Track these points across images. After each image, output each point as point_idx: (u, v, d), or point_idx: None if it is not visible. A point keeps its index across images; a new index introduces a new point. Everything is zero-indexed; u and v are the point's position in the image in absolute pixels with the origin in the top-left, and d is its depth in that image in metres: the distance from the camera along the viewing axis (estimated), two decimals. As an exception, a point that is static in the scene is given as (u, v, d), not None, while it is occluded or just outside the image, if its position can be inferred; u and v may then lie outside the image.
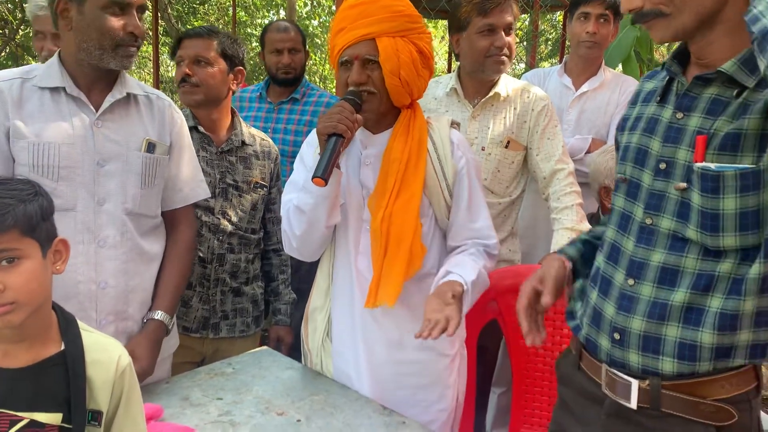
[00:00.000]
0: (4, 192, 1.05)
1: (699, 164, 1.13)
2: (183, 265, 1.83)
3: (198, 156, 1.98)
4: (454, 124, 1.78)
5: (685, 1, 1.12)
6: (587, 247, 1.48)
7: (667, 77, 1.27)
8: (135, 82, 1.78)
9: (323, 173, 1.49)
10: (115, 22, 1.59)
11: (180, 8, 13.79)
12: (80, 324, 1.18)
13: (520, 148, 2.32)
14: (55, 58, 1.65)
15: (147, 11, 1.76)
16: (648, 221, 1.23)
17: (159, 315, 1.73)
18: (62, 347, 1.13)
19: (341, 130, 1.53)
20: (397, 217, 1.62)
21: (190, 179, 1.87)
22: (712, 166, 1.12)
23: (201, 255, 2.12)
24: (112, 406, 1.17)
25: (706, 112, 1.16)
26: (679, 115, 1.20)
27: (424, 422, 1.69)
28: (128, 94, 1.70)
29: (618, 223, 1.32)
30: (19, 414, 1.07)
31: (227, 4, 14.25)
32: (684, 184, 1.17)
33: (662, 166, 1.21)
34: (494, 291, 2.10)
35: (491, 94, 2.31)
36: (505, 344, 2.36)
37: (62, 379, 1.11)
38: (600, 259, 1.35)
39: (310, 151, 1.76)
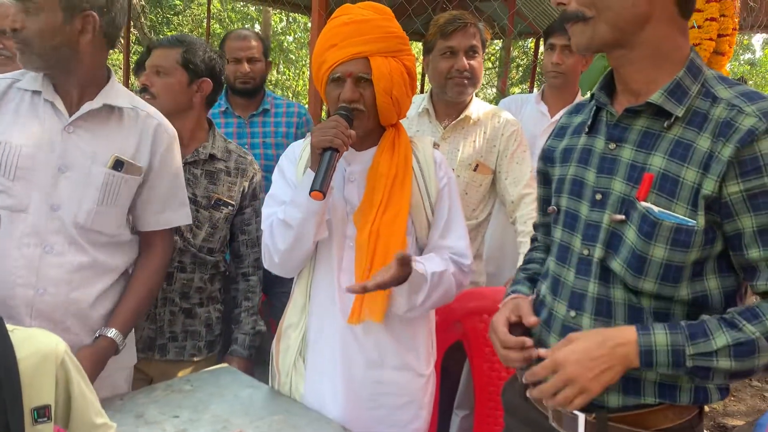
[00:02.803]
0: None
1: (644, 204, 1.14)
2: (146, 289, 1.77)
3: None
4: (435, 145, 1.79)
5: (606, 6, 1.13)
6: (532, 284, 1.46)
7: (595, 108, 1.29)
8: (125, 93, 1.72)
9: (321, 186, 1.48)
10: None
11: (153, 18, 13.69)
12: (6, 325, 1.12)
13: (488, 172, 2.34)
14: None
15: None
16: (585, 252, 1.24)
17: (112, 333, 1.67)
18: None
19: (337, 144, 1.53)
20: (384, 231, 1.61)
21: (170, 204, 1.80)
22: (655, 209, 1.13)
23: None
24: (62, 395, 1.14)
25: (638, 144, 1.18)
26: (612, 145, 1.22)
27: None
28: (107, 106, 1.64)
29: (557, 255, 1.32)
30: None
31: (202, 16, 14.21)
32: (622, 216, 1.18)
33: (598, 197, 1.23)
34: (459, 312, 2.10)
35: (462, 116, 2.34)
36: (468, 366, 2.36)
37: None
38: (544, 291, 1.35)
39: (290, 165, 1.75)
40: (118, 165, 1.65)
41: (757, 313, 1.09)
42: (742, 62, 20.05)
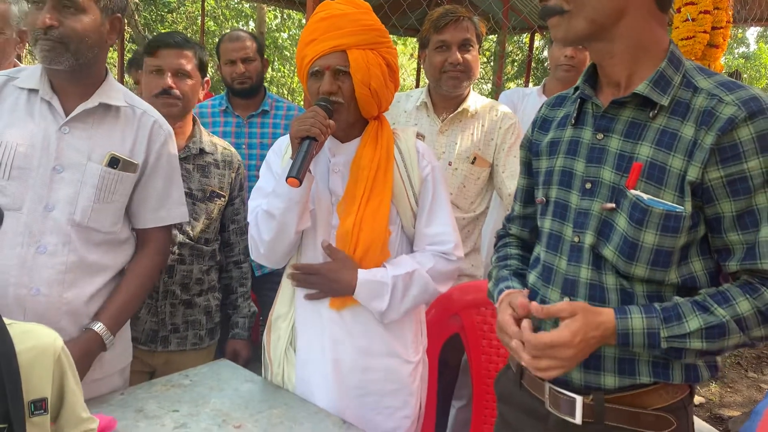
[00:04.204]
0: None
1: (633, 192, 1.17)
2: (137, 285, 1.74)
3: None
4: (419, 136, 1.81)
5: (584, 2, 1.15)
6: (520, 279, 1.46)
7: (579, 100, 1.31)
8: (122, 92, 1.72)
9: (297, 173, 1.49)
10: (31, 17, 1.55)
11: (147, 15, 13.65)
12: (4, 318, 1.13)
13: (486, 165, 2.34)
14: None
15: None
16: (576, 239, 1.26)
17: (97, 326, 1.64)
18: None
19: (315, 134, 1.54)
20: (367, 223, 1.64)
21: (166, 201, 1.81)
22: (645, 197, 1.16)
23: None
24: (56, 389, 1.16)
25: (625, 134, 1.21)
26: (599, 135, 1.24)
27: (388, 429, 1.71)
28: (103, 104, 1.65)
29: (548, 244, 1.34)
30: None
31: (196, 13, 14.17)
32: (612, 205, 1.20)
33: (587, 185, 1.25)
34: (457, 305, 2.11)
35: (459, 109, 2.35)
36: (465, 359, 2.37)
37: None
38: (533, 279, 1.37)
39: (276, 158, 1.77)
40: (114, 162, 1.66)
41: (728, 297, 1.13)
42: (736, 56, 20.11)
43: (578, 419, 1.24)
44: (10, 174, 1.55)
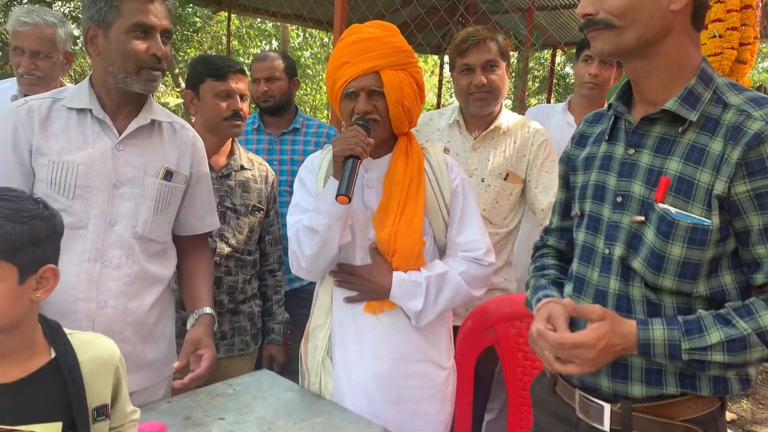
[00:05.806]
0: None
1: (661, 205, 1.20)
2: (210, 275, 1.94)
3: None
4: (446, 150, 1.89)
5: (636, 18, 1.19)
6: (559, 287, 1.49)
7: (613, 117, 1.35)
8: (161, 109, 1.81)
9: (347, 191, 1.57)
10: (139, 45, 1.62)
11: (174, 35, 13.92)
12: (64, 329, 1.19)
13: (518, 181, 2.38)
14: (86, 81, 1.71)
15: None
16: (606, 251, 1.30)
17: (209, 309, 1.83)
18: (52, 355, 1.14)
19: (358, 152, 1.62)
20: (402, 233, 1.71)
21: (209, 209, 1.94)
22: (672, 210, 1.19)
23: None
24: (113, 394, 1.22)
25: (655, 150, 1.24)
26: (631, 151, 1.28)
27: None
28: (153, 121, 1.73)
29: (581, 256, 1.38)
30: (18, 428, 1.07)
31: (221, 33, 14.42)
32: (642, 218, 1.24)
33: (619, 199, 1.29)
34: (492, 318, 2.14)
35: (492, 127, 2.39)
36: (498, 370, 2.39)
37: (57, 386, 1.12)
38: (569, 291, 1.41)
39: (309, 175, 1.85)
40: (168, 175, 1.75)
41: (751, 310, 1.15)
42: (760, 70, 19.92)
43: (606, 427, 1.27)
44: (75, 193, 1.62)
